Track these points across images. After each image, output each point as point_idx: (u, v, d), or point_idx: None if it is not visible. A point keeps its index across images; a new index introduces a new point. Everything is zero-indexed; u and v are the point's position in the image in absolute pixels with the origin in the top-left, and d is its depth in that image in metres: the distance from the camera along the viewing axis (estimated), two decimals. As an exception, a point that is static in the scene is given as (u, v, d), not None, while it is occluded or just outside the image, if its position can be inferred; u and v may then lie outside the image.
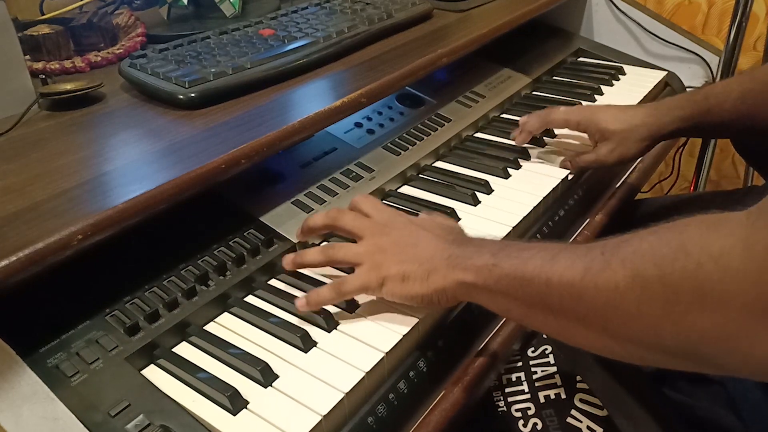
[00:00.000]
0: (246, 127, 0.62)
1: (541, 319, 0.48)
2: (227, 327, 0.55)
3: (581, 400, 0.61)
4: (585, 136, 0.82)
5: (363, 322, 0.55)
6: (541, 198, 0.75)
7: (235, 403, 0.47)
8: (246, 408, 0.47)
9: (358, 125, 0.83)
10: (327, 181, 0.72)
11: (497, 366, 0.60)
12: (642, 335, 0.40)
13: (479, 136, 0.91)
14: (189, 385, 0.49)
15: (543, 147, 0.87)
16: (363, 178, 0.74)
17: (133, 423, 0.44)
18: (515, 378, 0.65)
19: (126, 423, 0.44)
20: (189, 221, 0.60)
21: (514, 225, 0.69)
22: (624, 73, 1.11)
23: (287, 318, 0.56)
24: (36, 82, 0.69)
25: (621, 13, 1.20)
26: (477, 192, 0.75)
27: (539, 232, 0.73)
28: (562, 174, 0.80)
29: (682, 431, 0.58)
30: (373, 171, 0.76)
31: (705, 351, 0.37)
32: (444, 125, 0.88)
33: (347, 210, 0.60)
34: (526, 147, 0.85)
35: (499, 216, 0.71)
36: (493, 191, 0.76)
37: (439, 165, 0.83)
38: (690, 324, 0.36)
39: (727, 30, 1.14)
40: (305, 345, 0.52)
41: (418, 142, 0.83)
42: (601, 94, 1.04)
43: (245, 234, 0.62)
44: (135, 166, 0.57)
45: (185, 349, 0.53)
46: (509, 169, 0.80)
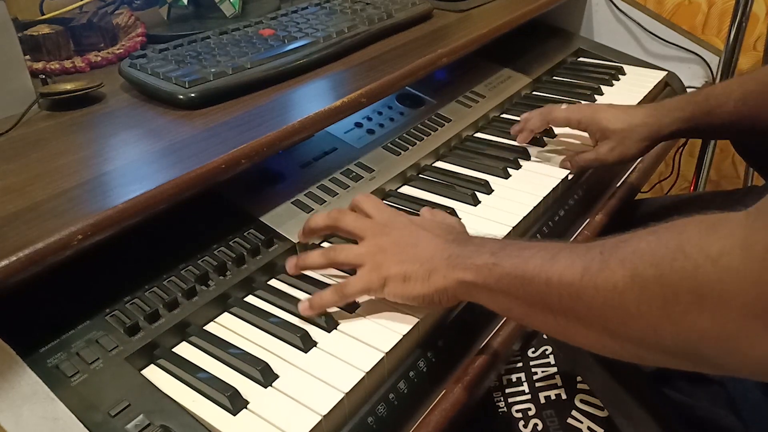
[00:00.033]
0: (246, 127, 0.62)
1: (541, 319, 0.48)
2: (227, 327, 0.55)
3: (582, 400, 0.61)
4: (585, 135, 0.82)
5: (363, 322, 0.55)
6: (541, 198, 0.75)
7: (235, 403, 0.47)
8: (246, 408, 0.47)
9: (358, 125, 0.83)
10: (327, 181, 0.72)
11: (497, 366, 0.60)
12: (641, 335, 0.40)
13: (479, 136, 0.91)
14: (189, 385, 0.49)
15: (543, 147, 0.87)
16: (363, 178, 0.74)
17: (133, 423, 0.44)
18: (516, 378, 0.64)
19: (126, 423, 0.44)
20: (189, 221, 0.60)
21: (514, 225, 0.69)
22: (624, 73, 1.11)
23: (287, 318, 0.56)
24: (36, 82, 0.69)
25: (621, 13, 1.20)
26: (477, 192, 0.75)
27: (539, 232, 0.73)
28: (562, 174, 0.80)
29: (682, 431, 0.58)
30: (373, 171, 0.76)
31: (704, 351, 0.37)
32: (444, 125, 0.88)
33: (348, 211, 0.60)
34: (526, 147, 0.85)
35: (499, 216, 0.71)
36: (493, 191, 0.76)
37: (439, 165, 0.83)
38: (689, 324, 0.36)
39: (727, 30, 1.14)
40: (305, 345, 0.52)
41: (418, 142, 0.83)
42: (601, 94, 1.04)
43: (245, 234, 0.62)
44: (135, 166, 0.57)
45: (185, 349, 0.53)
46: (509, 169, 0.80)
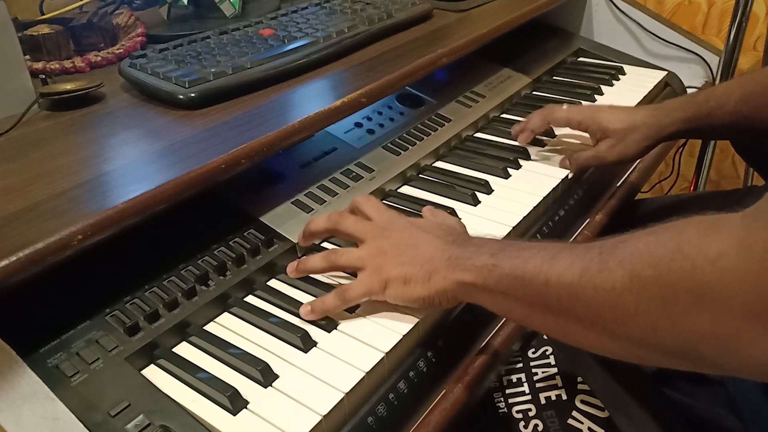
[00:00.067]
0: (246, 127, 0.62)
1: (541, 319, 0.48)
2: (227, 327, 0.55)
3: (582, 401, 0.61)
4: (585, 136, 0.82)
5: (363, 322, 0.55)
6: (541, 198, 0.75)
7: (235, 403, 0.47)
8: (246, 408, 0.47)
9: (358, 125, 0.83)
10: (327, 181, 0.72)
11: (497, 366, 0.60)
12: (641, 335, 0.40)
13: (479, 136, 0.91)
14: (189, 385, 0.49)
15: (543, 147, 0.87)
16: (363, 178, 0.74)
17: (133, 423, 0.44)
18: (516, 379, 0.64)
19: (126, 423, 0.44)
20: (189, 221, 0.59)
21: (514, 225, 0.69)
22: (624, 73, 1.11)
23: (287, 318, 0.56)
24: (36, 82, 0.69)
25: (621, 13, 1.20)
26: (477, 192, 0.75)
27: (539, 232, 0.73)
28: (562, 174, 0.80)
29: (682, 431, 0.58)
30: (373, 171, 0.76)
31: (704, 351, 0.37)
32: (444, 125, 0.88)
33: (348, 214, 0.60)
34: (526, 147, 0.85)
35: (499, 216, 0.71)
36: (493, 191, 0.76)
37: (439, 165, 0.83)
38: (688, 324, 0.36)
39: (727, 30, 1.14)
40: (305, 345, 0.52)
41: (418, 142, 0.83)
42: (601, 94, 1.04)
43: (245, 234, 0.62)
44: (135, 166, 0.57)
45: (185, 349, 0.53)
46: (509, 169, 0.80)
